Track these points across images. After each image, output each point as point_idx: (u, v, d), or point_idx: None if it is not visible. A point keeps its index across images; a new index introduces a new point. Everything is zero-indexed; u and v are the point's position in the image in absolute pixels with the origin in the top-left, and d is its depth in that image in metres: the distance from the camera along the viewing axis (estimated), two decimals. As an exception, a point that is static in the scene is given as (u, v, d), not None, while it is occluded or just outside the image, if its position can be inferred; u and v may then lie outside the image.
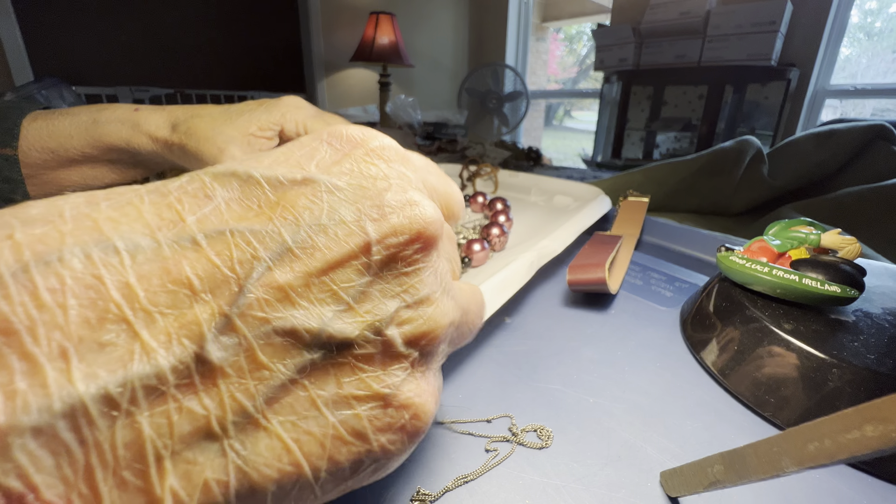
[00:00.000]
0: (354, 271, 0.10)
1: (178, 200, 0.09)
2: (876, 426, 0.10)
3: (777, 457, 0.13)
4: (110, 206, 0.09)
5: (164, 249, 0.08)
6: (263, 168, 0.10)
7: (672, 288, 0.37)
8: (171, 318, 0.08)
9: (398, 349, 0.10)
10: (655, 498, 0.18)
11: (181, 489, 0.08)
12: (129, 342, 0.07)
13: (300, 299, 0.09)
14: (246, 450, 0.08)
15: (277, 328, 0.09)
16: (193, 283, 0.08)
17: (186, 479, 0.08)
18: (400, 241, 0.10)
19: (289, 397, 0.09)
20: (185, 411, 0.08)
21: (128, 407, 0.07)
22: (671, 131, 1.97)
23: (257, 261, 0.09)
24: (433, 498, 0.18)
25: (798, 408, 0.22)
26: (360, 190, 0.10)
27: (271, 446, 0.09)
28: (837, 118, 1.31)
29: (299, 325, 0.09)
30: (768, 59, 1.55)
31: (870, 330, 0.23)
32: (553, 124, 3.24)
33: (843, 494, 0.19)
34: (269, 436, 0.09)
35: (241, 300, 0.08)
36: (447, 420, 0.22)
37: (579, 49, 3.17)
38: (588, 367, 0.27)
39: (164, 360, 0.08)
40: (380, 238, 0.10)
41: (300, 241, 0.09)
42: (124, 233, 0.08)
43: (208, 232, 0.09)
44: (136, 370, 0.07)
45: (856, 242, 0.27)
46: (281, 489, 0.09)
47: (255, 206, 0.09)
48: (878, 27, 1.81)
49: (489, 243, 0.36)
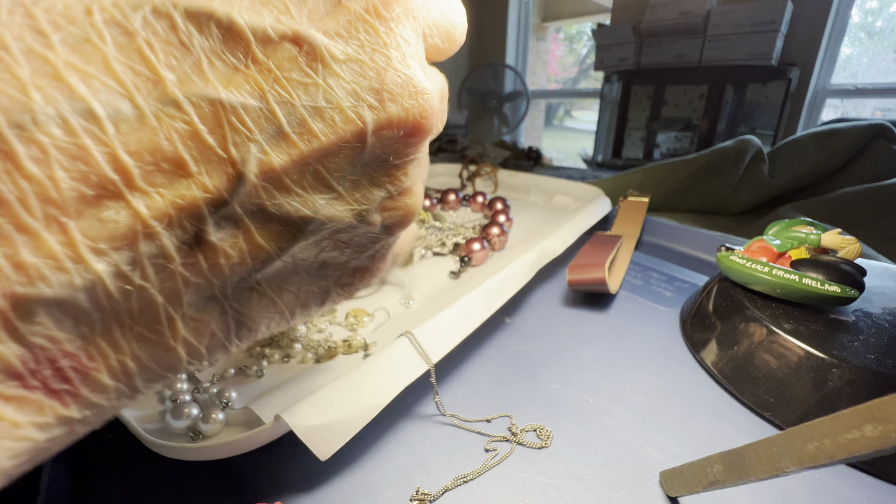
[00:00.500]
0: (347, 160, 0.09)
1: (148, 45, 0.07)
2: (875, 426, 0.10)
3: (777, 457, 0.13)
4: (64, 42, 0.07)
5: (150, 119, 0.07)
6: (248, 13, 0.08)
7: (672, 288, 0.37)
8: (170, 199, 0.08)
9: (375, 231, 0.11)
10: (655, 498, 0.18)
11: (192, 338, 0.09)
12: (131, 220, 0.07)
13: (295, 186, 0.09)
14: (242, 306, 0.10)
15: (274, 214, 0.09)
16: (188, 163, 0.08)
17: (195, 332, 0.09)
18: (395, 134, 0.10)
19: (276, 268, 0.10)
20: (191, 284, 0.08)
21: (140, 282, 0.08)
22: (672, 131, 1.97)
23: (253, 143, 0.08)
24: (432, 497, 0.18)
25: (798, 408, 0.22)
26: (359, 66, 0.09)
27: (261, 303, 0.10)
28: (838, 118, 1.31)
29: (294, 211, 0.09)
30: (769, 59, 1.55)
31: (870, 330, 0.23)
32: (553, 124, 3.24)
33: (842, 494, 0.19)
34: (259, 295, 0.10)
35: (240, 188, 0.08)
36: (447, 414, 0.22)
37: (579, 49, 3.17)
38: (588, 366, 0.27)
39: (168, 240, 0.08)
40: (376, 128, 0.09)
41: (296, 123, 0.09)
42: (99, 92, 0.07)
43: (195, 99, 0.08)
44: (144, 250, 0.07)
45: (856, 242, 0.27)
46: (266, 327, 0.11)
47: (243, 67, 0.08)
48: (879, 26, 1.80)
49: (489, 243, 0.36)
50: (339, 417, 0.18)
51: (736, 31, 1.59)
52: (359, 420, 0.18)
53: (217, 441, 0.17)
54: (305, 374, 0.22)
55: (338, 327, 0.27)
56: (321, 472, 0.20)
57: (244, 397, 0.21)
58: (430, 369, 0.21)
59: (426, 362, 0.21)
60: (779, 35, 1.53)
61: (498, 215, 0.42)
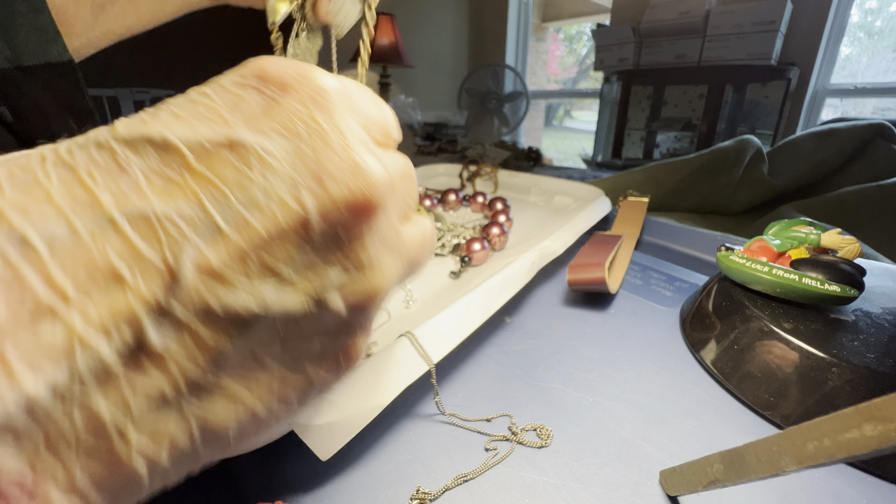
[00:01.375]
0: (293, 246, 0.09)
1: (88, 175, 0.08)
2: (875, 425, 0.10)
3: (776, 456, 0.13)
4: (13, 188, 0.08)
5: (84, 236, 0.08)
6: (182, 130, 0.09)
7: (672, 287, 0.37)
8: (105, 308, 0.08)
9: (341, 315, 0.10)
10: (655, 497, 0.18)
11: (149, 449, 0.08)
12: (67, 336, 0.07)
13: (238, 277, 0.09)
14: (203, 406, 0.09)
15: (217, 310, 0.09)
16: (122, 271, 0.08)
17: (152, 440, 0.08)
18: (342, 214, 0.10)
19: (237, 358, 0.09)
20: (137, 388, 0.08)
21: (79, 394, 0.07)
22: (671, 131, 1.97)
23: (187, 243, 0.08)
24: (433, 496, 0.18)
25: (797, 407, 0.22)
26: (296, 155, 0.09)
27: (225, 399, 0.09)
28: (838, 117, 1.31)
29: (239, 304, 0.09)
30: (768, 59, 1.55)
31: (869, 329, 0.23)
32: (553, 124, 3.24)
33: (842, 493, 0.19)
34: (222, 391, 0.09)
35: (176, 289, 0.08)
36: (447, 413, 0.22)
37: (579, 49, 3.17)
38: (588, 366, 0.27)
39: (106, 348, 0.08)
40: (320, 212, 0.09)
41: (231, 220, 0.09)
42: (35, 221, 0.08)
43: (130, 214, 0.08)
44: (80, 361, 0.07)
45: (855, 242, 0.27)
46: (241, 428, 0.10)
47: (178, 178, 0.09)
48: (879, 26, 1.80)
49: (489, 243, 0.36)
50: (340, 417, 0.18)
51: (735, 31, 1.59)
52: (360, 420, 0.18)
53: (218, 441, 0.17)
54: (306, 374, 0.22)
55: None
56: (322, 471, 0.20)
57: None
58: (431, 369, 0.21)
59: (427, 362, 0.21)
60: (778, 35, 1.53)
61: (498, 215, 0.42)
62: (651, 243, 0.48)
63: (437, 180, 0.61)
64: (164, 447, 0.09)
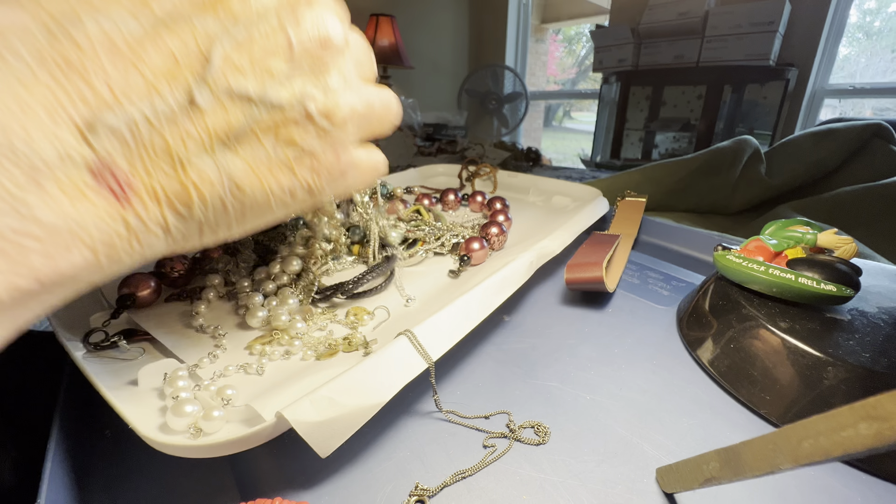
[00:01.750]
0: (283, 59, 0.13)
1: None
2: (870, 424, 0.10)
3: (772, 454, 0.13)
4: None
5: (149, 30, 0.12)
6: None
7: (669, 287, 0.37)
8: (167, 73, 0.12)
9: (315, 119, 0.14)
10: (651, 494, 0.18)
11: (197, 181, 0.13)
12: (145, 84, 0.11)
13: (249, 72, 0.13)
14: (228, 161, 0.13)
15: (235, 90, 0.13)
16: (177, 56, 0.12)
17: (199, 177, 0.13)
18: (313, 44, 0.14)
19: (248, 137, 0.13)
20: (190, 136, 0.12)
21: (157, 125, 0.12)
22: (670, 131, 1.97)
23: (215, 44, 0.12)
24: (431, 493, 0.18)
25: (793, 405, 0.22)
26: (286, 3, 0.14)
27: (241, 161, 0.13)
28: (836, 117, 1.31)
29: (251, 89, 0.13)
30: (767, 59, 1.55)
31: (865, 328, 0.23)
32: (552, 125, 3.24)
33: (837, 491, 0.19)
34: (237, 157, 0.13)
35: (210, 70, 0.12)
36: (446, 411, 0.22)
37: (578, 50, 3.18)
38: (585, 364, 0.27)
39: (172, 98, 0.12)
40: (298, 40, 0.14)
41: (240, 34, 0.13)
42: (113, 12, 0.11)
43: (174, 19, 0.12)
44: (157, 101, 0.12)
45: (852, 242, 0.27)
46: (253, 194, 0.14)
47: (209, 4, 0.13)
48: (877, 26, 1.81)
49: (488, 242, 0.36)
50: (340, 415, 0.18)
51: (734, 32, 1.59)
52: (359, 417, 0.19)
53: (217, 438, 0.17)
54: (306, 371, 0.22)
55: (338, 325, 0.27)
56: (321, 468, 0.20)
57: (244, 395, 0.21)
58: (430, 367, 0.21)
59: (426, 360, 0.21)
60: (777, 35, 1.53)
61: (497, 215, 0.42)
62: (648, 243, 0.48)
63: (437, 180, 0.61)
64: (207, 184, 0.13)
